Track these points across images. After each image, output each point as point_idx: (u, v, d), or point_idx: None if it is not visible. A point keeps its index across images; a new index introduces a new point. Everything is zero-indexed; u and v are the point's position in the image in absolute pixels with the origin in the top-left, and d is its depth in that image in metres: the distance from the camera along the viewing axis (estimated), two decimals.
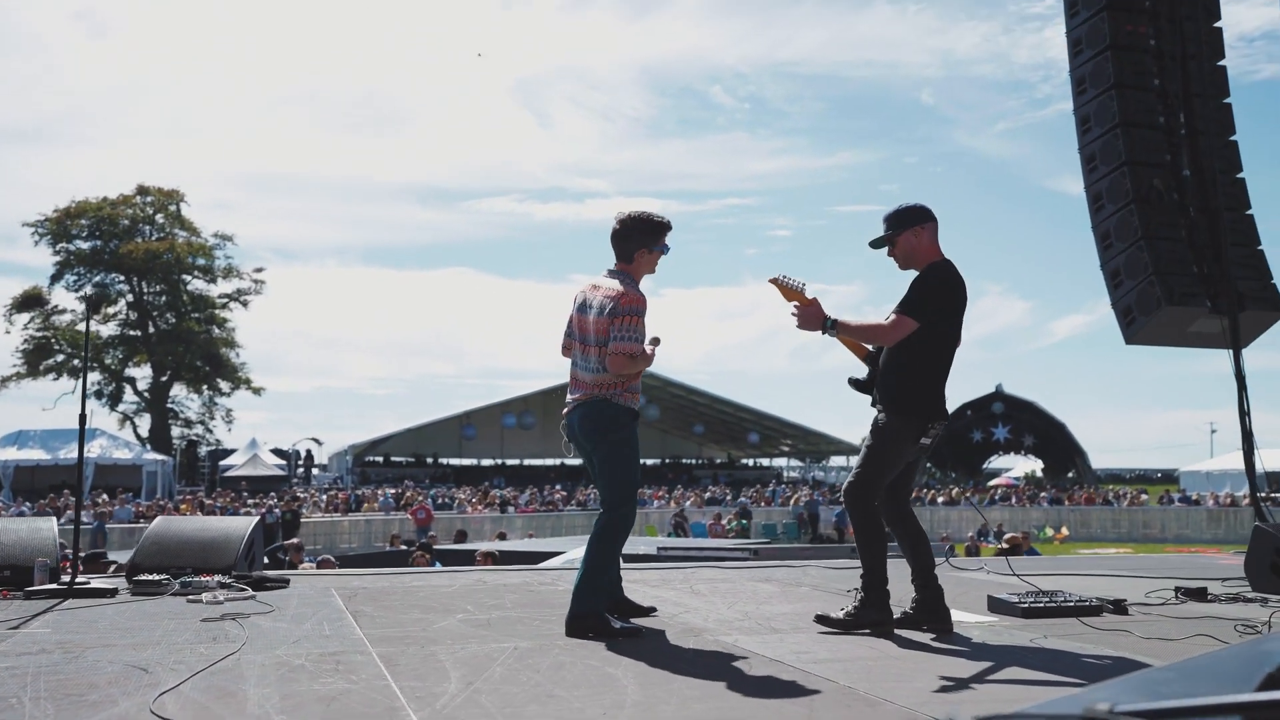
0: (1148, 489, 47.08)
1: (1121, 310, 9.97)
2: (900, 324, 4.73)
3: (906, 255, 4.91)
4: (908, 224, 4.88)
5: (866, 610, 4.78)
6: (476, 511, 33.53)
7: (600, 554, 4.72)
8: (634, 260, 4.91)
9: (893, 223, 4.91)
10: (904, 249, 4.90)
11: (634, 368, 4.74)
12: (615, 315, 4.71)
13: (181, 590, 5.85)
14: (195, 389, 54.86)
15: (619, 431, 4.78)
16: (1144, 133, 10.14)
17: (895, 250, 4.93)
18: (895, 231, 4.90)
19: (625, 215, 4.92)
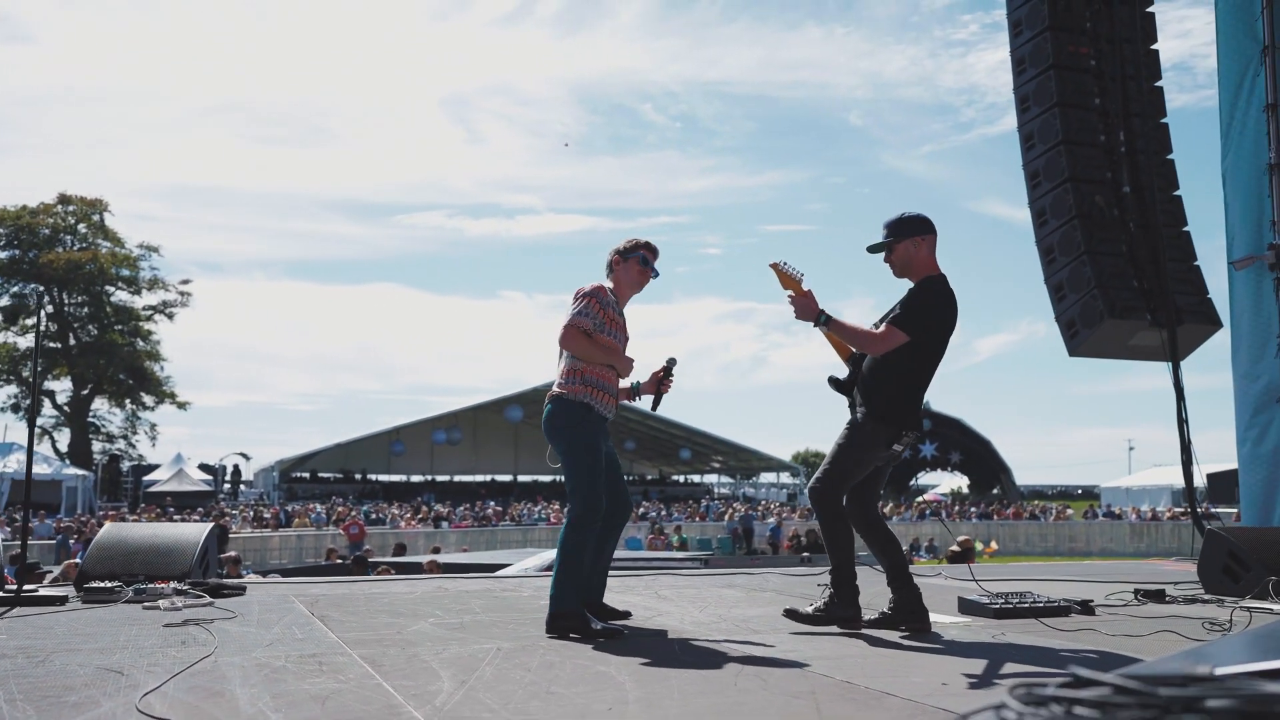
0: (1070, 504, 48.14)
1: (1065, 323, 10.17)
2: (890, 336, 4.75)
3: (903, 264, 4.93)
4: (908, 233, 4.90)
5: (836, 607, 4.82)
6: (410, 527, 33.11)
7: (569, 552, 4.69)
8: (613, 270, 5.08)
9: (893, 230, 4.93)
10: (901, 258, 4.92)
11: (591, 348, 4.80)
12: (574, 299, 4.86)
13: (135, 597, 5.67)
14: (118, 403, 53.52)
15: (569, 429, 4.79)
16: (1086, 150, 10.39)
17: (893, 257, 4.95)
18: (895, 239, 4.92)
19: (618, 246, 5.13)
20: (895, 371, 4.81)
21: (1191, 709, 1.16)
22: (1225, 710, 1.14)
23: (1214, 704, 1.16)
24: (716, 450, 67.40)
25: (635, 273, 5.06)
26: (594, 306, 4.83)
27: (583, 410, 4.80)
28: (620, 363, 4.94)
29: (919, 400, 4.89)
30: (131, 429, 53.95)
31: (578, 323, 4.79)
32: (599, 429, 4.87)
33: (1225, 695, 1.17)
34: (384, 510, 39.23)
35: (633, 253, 5.06)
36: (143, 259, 52.59)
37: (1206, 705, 1.16)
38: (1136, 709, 1.18)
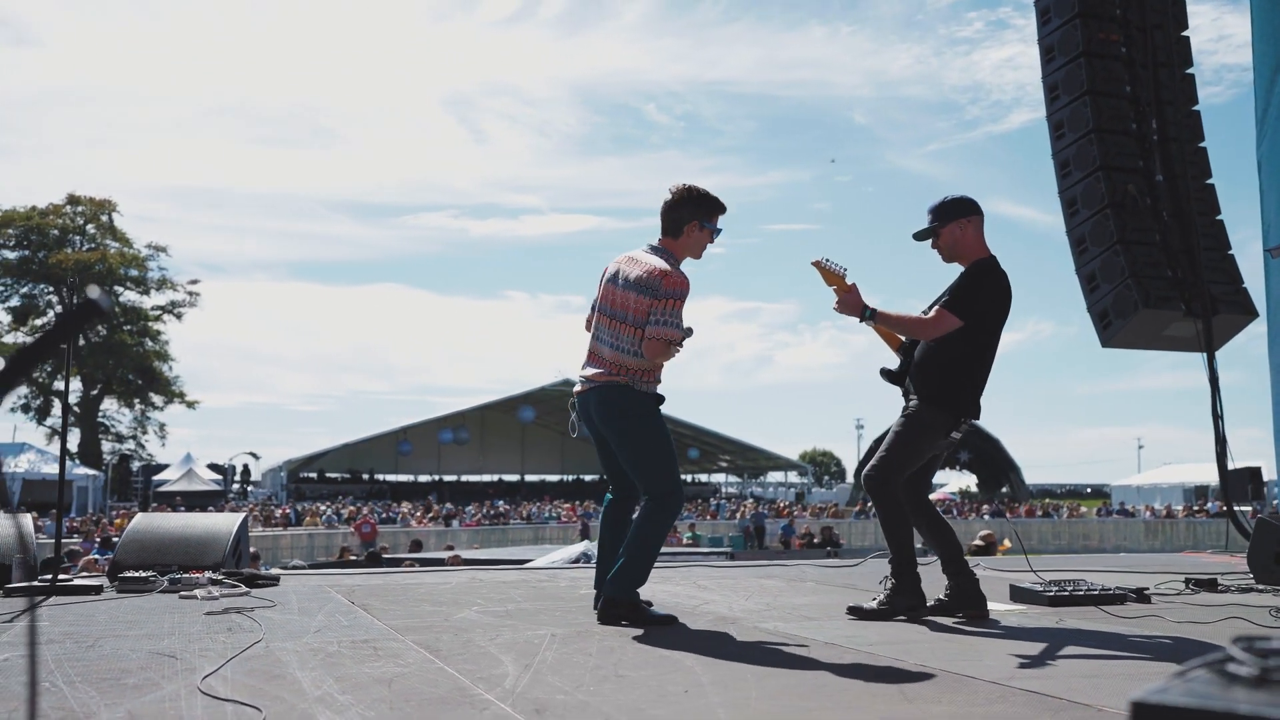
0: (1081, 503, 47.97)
1: (1098, 314, 10.05)
2: (943, 320, 4.64)
3: (951, 248, 4.83)
4: (954, 216, 4.80)
5: (899, 597, 4.69)
6: (421, 525, 33.04)
7: (644, 541, 4.45)
8: (682, 234, 4.59)
9: (938, 215, 4.83)
10: (948, 241, 4.82)
11: (669, 355, 4.49)
12: (659, 297, 4.40)
13: (170, 587, 5.58)
14: (127, 403, 53.48)
15: (642, 414, 4.51)
16: (1117, 138, 10.26)
17: (940, 243, 4.85)
18: (941, 223, 4.82)
19: (679, 186, 4.62)
20: (950, 357, 4.69)
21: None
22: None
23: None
24: (724, 449, 67.29)
25: (704, 245, 4.67)
26: (681, 311, 4.44)
27: (651, 400, 4.55)
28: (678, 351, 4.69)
29: (978, 387, 4.77)
30: (141, 429, 53.96)
31: (669, 335, 4.39)
32: None
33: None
34: (395, 509, 39.15)
35: (713, 222, 4.63)
36: (151, 259, 52.63)
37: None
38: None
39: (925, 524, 4.88)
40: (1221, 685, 1.11)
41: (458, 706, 2.74)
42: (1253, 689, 1.09)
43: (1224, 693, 1.07)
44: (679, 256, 4.61)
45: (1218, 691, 1.07)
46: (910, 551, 4.75)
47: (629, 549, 4.45)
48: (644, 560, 4.46)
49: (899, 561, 4.73)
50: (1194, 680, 1.15)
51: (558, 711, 2.69)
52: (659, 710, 2.72)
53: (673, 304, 4.40)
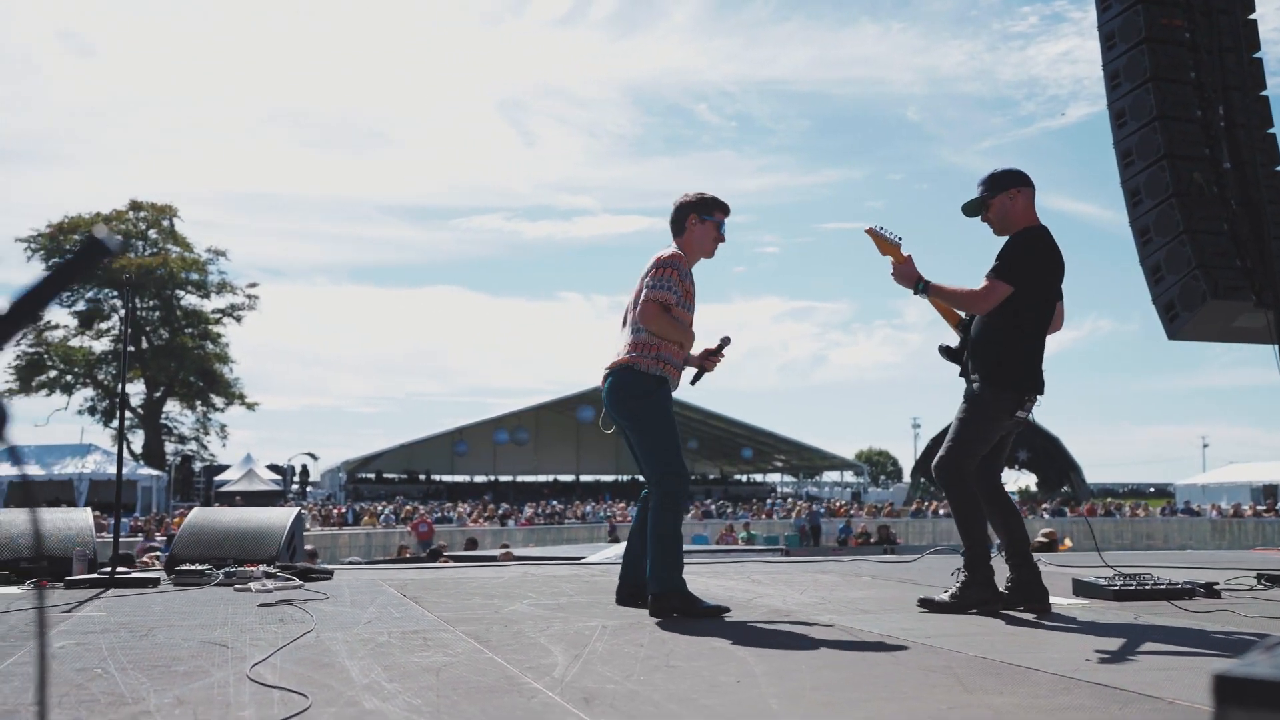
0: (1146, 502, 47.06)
1: (1164, 306, 9.80)
2: (993, 289, 4.51)
3: (1001, 219, 4.72)
4: (1004, 187, 4.70)
5: (972, 589, 4.55)
6: (476, 525, 33.20)
7: (663, 531, 4.44)
8: (685, 231, 4.75)
9: (989, 185, 4.74)
10: (998, 213, 4.72)
11: (669, 325, 4.54)
12: (652, 270, 4.60)
13: (226, 580, 5.62)
14: (189, 405, 54.35)
15: (643, 399, 4.55)
16: (1182, 125, 10.00)
17: (989, 214, 4.75)
18: (990, 194, 4.72)
19: (683, 196, 4.82)
20: (1006, 332, 4.56)
21: None
22: None
23: None
24: (779, 449, 66.90)
25: (711, 238, 4.78)
26: (673, 278, 4.57)
27: (657, 383, 4.58)
28: (688, 340, 4.73)
29: (1039, 359, 4.62)
30: (203, 430, 54.74)
31: (660, 297, 4.53)
32: (670, 398, 4.66)
33: None
34: (451, 509, 39.40)
35: (712, 215, 4.77)
36: (210, 263, 53.39)
37: None
38: None
39: (997, 511, 4.74)
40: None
41: (505, 694, 2.70)
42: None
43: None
44: (688, 252, 4.75)
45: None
46: (985, 544, 4.60)
47: (651, 546, 4.45)
48: (670, 551, 4.43)
49: (974, 554, 4.57)
50: None
51: (607, 699, 2.64)
52: (711, 700, 2.66)
53: (665, 271, 4.56)
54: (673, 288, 4.55)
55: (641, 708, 2.55)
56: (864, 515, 37.14)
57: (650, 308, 4.51)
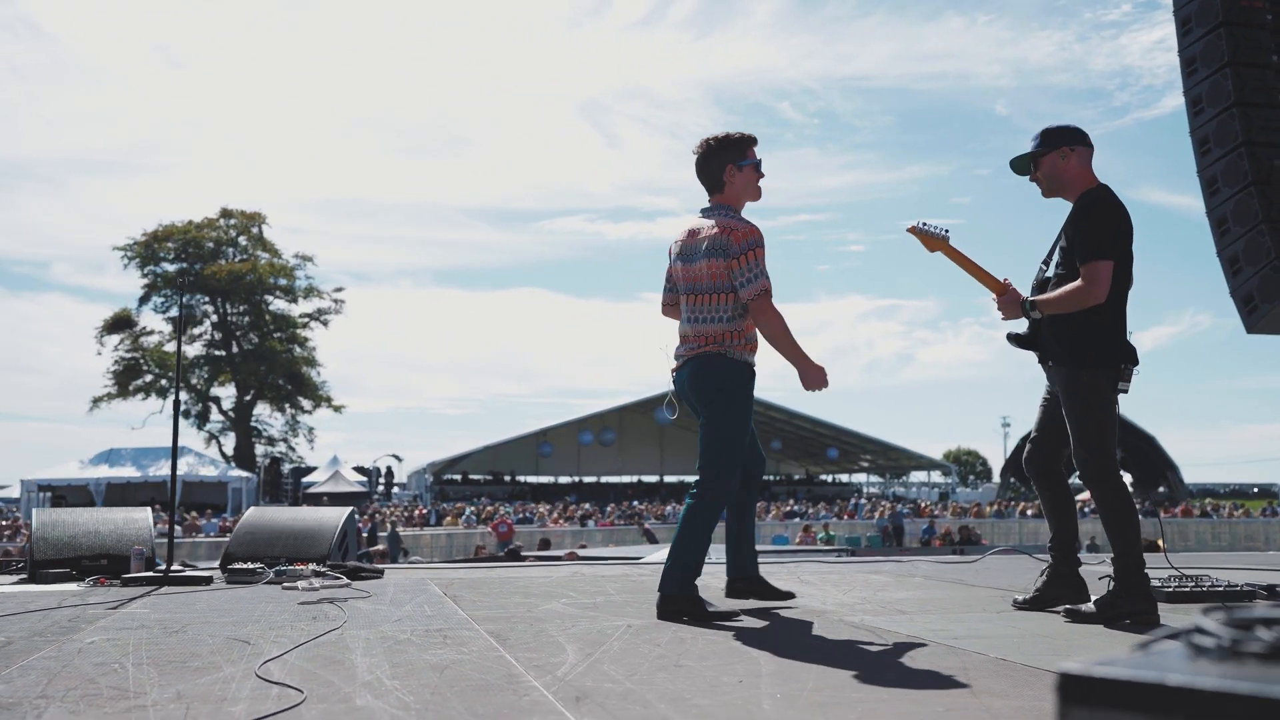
0: (1246, 503, 45.55)
1: (1242, 298, 9.48)
2: (1097, 273, 4.14)
3: (1051, 178, 4.42)
4: (1058, 143, 4.40)
5: (1122, 600, 4.13)
6: (557, 525, 33.43)
7: (689, 535, 4.26)
8: (725, 184, 4.40)
9: (1043, 139, 4.44)
10: (1049, 171, 4.42)
11: (784, 332, 4.29)
12: (733, 255, 4.23)
13: (276, 578, 5.72)
14: (278, 407, 55.66)
15: (729, 392, 4.31)
16: (1263, 111, 9.66)
17: (1039, 173, 4.45)
18: (1042, 150, 4.42)
19: (699, 143, 4.48)
20: (1088, 314, 4.22)
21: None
22: None
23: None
24: (865, 449, 66.21)
25: (755, 181, 4.43)
26: (763, 259, 4.24)
27: (747, 372, 4.33)
28: (806, 372, 4.35)
29: (1124, 328, 4.29)
30: (291, 432, 56.04)
31: (766, 287, 4.20)
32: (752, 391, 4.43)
33: None
34: (532, 509, 39.73)
35: (748, 156, 4.40)
36: (298, 269, 54.62)
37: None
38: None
39: (1049, 496, 4.56)
40: (1184, 657, 0.97)
41: (499, 693, 2.70)
42: (1217, 661, 0.95)
43: (1178, 663, 0.94)
44: (735, 205, 4.43)
45: (1170, 662, 0.94)
46: (1139, 552, 4.25)
47: (675, 544, 4.29)
48: (692, 554, 4.25)
49: (1125, 561, 4.18)
50: (1155, 652, 1.01)
51: (598, 699, 2.62)
52: (703, 699, 2.62)
53: (752, 255, 4.23)
54: (765, 271, 4.25)
55: (630, 708, 2.53)
56: (949, 516, 36.54)
57: (763, 304, 4.22)
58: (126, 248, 52.13)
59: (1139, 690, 0.87)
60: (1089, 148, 4.46)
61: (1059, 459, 4.50)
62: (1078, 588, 4.44)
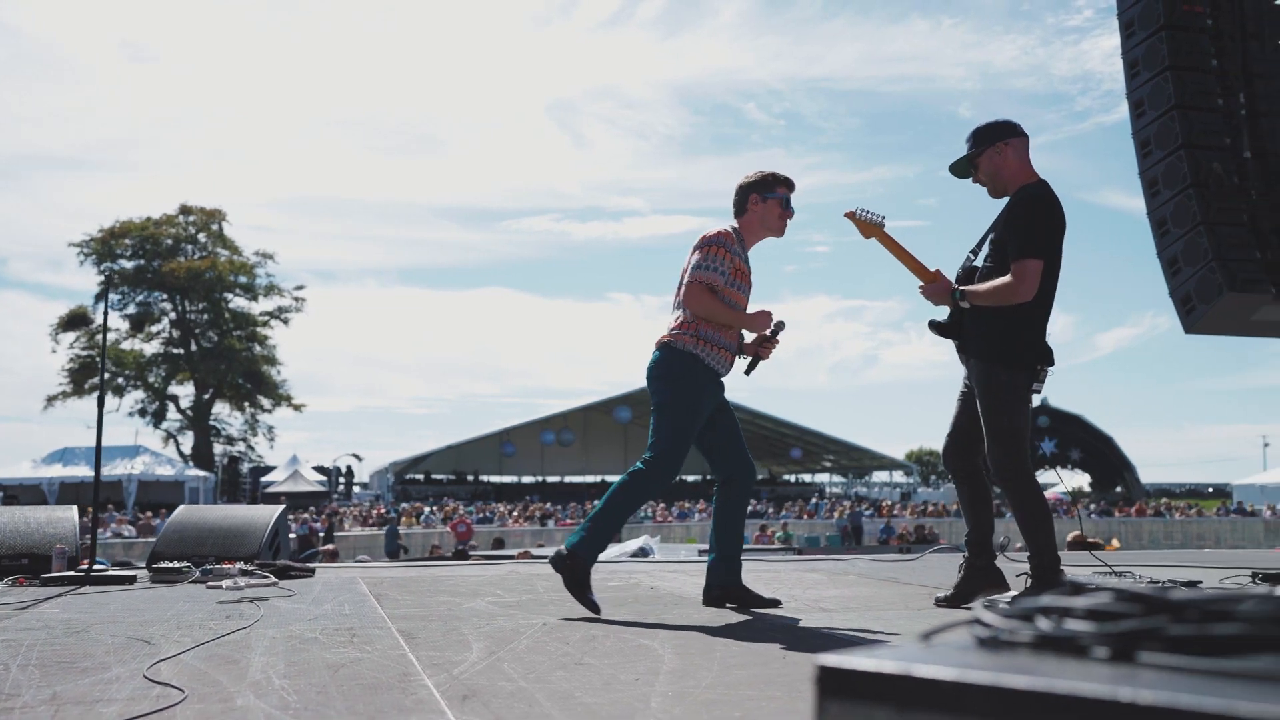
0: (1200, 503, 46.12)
1: (1180, 299, 9.57)
2: (1026, 271, 4.14)
3: (993, 177, 4.42)
4: (990, 140, 4.39)
5: None
6: (516, 525, 33.31)
7: (612, 505, 4.31)
8: (746, 210, 4.60)
9: (974, 139, 4.43)
10: (989, 170, 4.41)
11: (715, 307, 4.36)
12: (696, 248, 4.46)
13: (202, 577, 5.63)
14: (237, 406, 55.11)
15: (671, 379, 4.36)
16: (1202, 115, 9.75)
17: (980, 175, 4.45)
18: (977, 149, 4.41)
19: (748, 175, 4.68)
20: (1011, 313, 4.24)
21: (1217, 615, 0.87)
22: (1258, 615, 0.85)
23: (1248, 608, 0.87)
24: (828, 449, 66.51)
25: (775, 215, 4.58)
26: (721, 257, 4.39)
27: (689, 361, 4.37)
28: (749, 324, 4.50)
29: (1044, 329, 4.31)
30: (251, 431, 55.51)
31: (705, 278, 4.36)
32: (708, 385, 4.44)
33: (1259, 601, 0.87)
34: (492, 509, 39.57)
35: (774, 191, 4.56)
36: (259, 266, 54.11)
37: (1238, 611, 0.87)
38: (1143, 616, 0.90)
39: (967, 491, 4.56)
40: (960, 648, 0.95)
41: (386, 692, 2.65)
42: (990, 651, 0.93)
43: (940, 655, 0.91)
44: (749, 232, 4.61)
45: (933, 654, 0.91)
46: (1054, 548, 4.30)
47: (603, 508, 4.34)
48: (607, 526, 4.33)
49: (1042, 559, 4.24)
50: (936, 644, 0.98)
51: (484, 698, 2.57)
52: (592, 698, 2.58)
53: (712, 250, 4.41)
54: (719, 268, 4.37)
55: (515, 706, 2.48)
56: (908, 516, 36.73)
57: (695, 289, 4.37)
58: (83, 244, 51.48)
59: (888, 682, 0.84)
60: (1023, 138, 4.45)
61: (976, 454, 4.50)
62: (995, 581, 4.45)
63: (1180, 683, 0.78)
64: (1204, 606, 0.86)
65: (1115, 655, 0.86)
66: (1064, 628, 0.90)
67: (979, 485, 4.54)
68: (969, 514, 4.54)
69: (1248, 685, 0.76)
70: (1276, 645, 0.83)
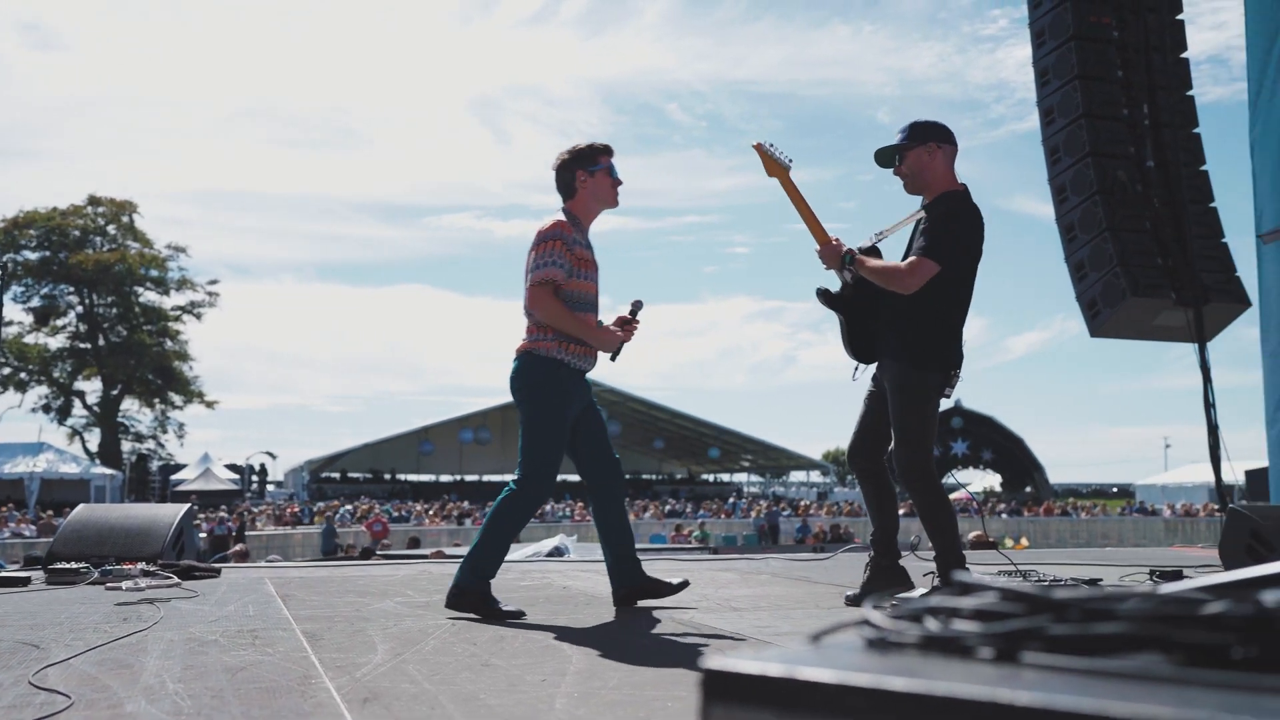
0: (1105, 503, 47.40)
1: (1086, 303, 9.82)
2: (921, 267, 4.19)
3: (914, 174, 4.44)
4: (924, 138, 4.41)
5: None
6: (434, 524, 32.99)
7: (492, 531, 4.22)
8: (576, 190, 4.42)
9: (907, 134, 4.44)
10: (913, 166, 4.43)
11: (561, 315, 4.18)
12: (533, 246, 4.26)
13: (101, 578, 5.46)
14: (147, 403, 53.74)
15: (534, 390, 4.23)
16: (1108, 124, 10.02)
17: (903, 166, 4.46)
18: (909, 142, 4.43)
19: (559, 153, 4.48)
20: (929, 308, 4.28)
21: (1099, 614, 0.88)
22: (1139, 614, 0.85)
23: (1129, 606, 0.87)
24: (746, 449, 66.97)
25: (608, 186, 4.43)
26: (558, 250, 4.23)
27: (552, 367, 4.23)
28: (595, 340, 4.31)
29: (960, 334, 4.37)
30: (161, 429, 54.17)
31: (546, 276, 4.17)
32: (573, 389, 4.31)
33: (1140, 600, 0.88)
34: (408, 508, 39.13)
35: (598, 163, 4.40)
36: (171, 259, 52.82)
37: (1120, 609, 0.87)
38: (1029, 615, 0.90)
39: (873, 490, 4.60)
40: (847, 649, 0.94)
41: (285, 695, 2.58)
42: (876, 653, 0.92)
43: (839, 658, 0.90)
44: (584, 212, 4.44)
45: (818, 655, 0.90)
46: (959, 547, 4.36)
47: (483, 536, 4.24)
48: (496, 549, 4.24)
49: (948, 561, 4.30)
50: (826, 645, 0.97)
51: (386, 700, 2.52)
52: (496, 699, 2.55)
53: (548, 245, 4.21)
54: (558, 261, 4.20)
55: (416, 709, 2.44)
56: (824, 515, 37.16)
57: (535, 293, 4.17)
58: None
59: (771, 684, 0.83)
60: (955, 147, 4.50)
61: (881, 453, 4.55)
62: (900, 579, 4.52)
63: (1059, 683, 0.78)
64: (1086, 605, 0.87)
65: (999, 656, 0.86)
66: (949, 628, 0.90)
67: (884, 484, 4.61)
68: (874, 513, 4.60)
69: (1125, 685, 0.76)
70: (1156, 644, 0.83)
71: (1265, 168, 8.94)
